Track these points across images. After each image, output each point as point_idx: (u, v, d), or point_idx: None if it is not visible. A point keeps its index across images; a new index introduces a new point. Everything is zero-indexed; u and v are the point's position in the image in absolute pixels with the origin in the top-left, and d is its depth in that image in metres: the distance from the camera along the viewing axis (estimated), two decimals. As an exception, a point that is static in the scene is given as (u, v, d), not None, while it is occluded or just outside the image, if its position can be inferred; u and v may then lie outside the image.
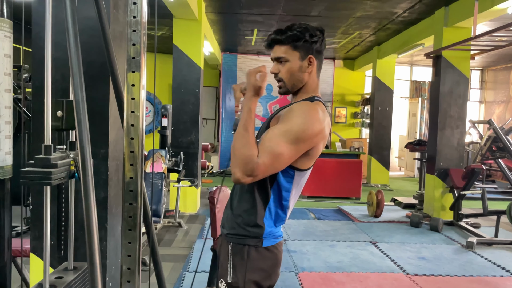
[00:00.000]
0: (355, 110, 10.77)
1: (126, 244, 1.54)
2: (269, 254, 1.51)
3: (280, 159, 1.39)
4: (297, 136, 1.39)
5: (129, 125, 1.52)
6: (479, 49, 5.65)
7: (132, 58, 1.50)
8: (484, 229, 5.43)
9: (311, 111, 1.44)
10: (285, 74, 1.51)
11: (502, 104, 10.52)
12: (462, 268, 4.02)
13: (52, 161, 1.41)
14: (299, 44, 1.48)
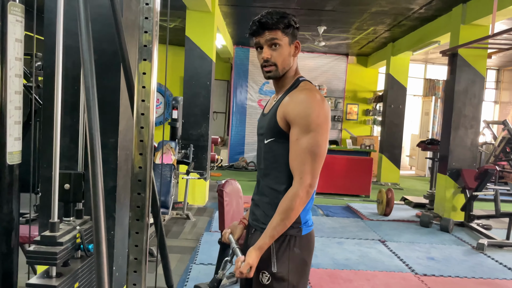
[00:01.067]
0: (367, 107, 10.66)
1: (134, 234, 1.53)
2: (307, 242, 1.56)
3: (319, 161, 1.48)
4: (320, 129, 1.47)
5: (139, 114, 1.51)
6: (497, 48, 5.53)
7: (143, 46, 1.48)
8: (496, 231, 5.34)
9: (317, 101, 1.49)
10: (278, 58, 1.53)
11: (510, 104, 10.33)
12: (472, 270, 3.96)
13: (58, 239, 1.43)
14: (288, 30, 1.52)
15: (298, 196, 1.46)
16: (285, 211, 1.47)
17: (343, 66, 10.46)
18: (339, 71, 10.49)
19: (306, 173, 1.45)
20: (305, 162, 1.46)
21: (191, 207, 5.79)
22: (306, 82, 1.58)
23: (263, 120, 1.65)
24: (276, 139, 1.54)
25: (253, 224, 1.65)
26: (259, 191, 1.64)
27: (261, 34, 1.53)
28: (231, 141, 10.27)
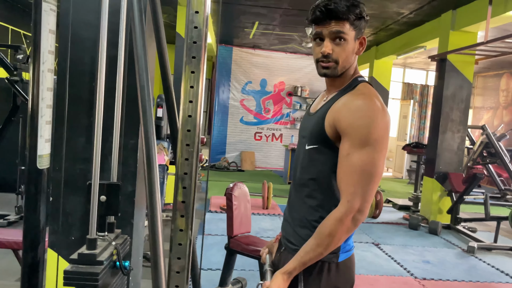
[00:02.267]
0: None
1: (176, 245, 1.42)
2: (345, 269, 1.36)
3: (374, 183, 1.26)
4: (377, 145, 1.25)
5: (186, 115, 1.39)
6: (485, 55, 5.66)
7: (193, 42, 1.36)
8: (481, 233, 5.47)
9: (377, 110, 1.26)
10: (342, 55, 1.29)
11: (491, 110, 10.68)
12: (468, 273, 4.02)
13: (98, 257, 1.31)
14: (358, 22, 1.29)
15: (343, 223, 1.23)
16: (325, 236, 1.24)
17: (325, 67, 10.50)
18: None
19: (356, 196, 1.22)
20: (356, 183, 1.23)
21: (179, 208, 5.62)
22: (366, 84, 1.35)
23: (308, 120, 1.43)
24: (320, 147, 1.33)
25: (283, 241, 1.47)
26: (290, 205, 1.46)
27: (325, 23, 1.28)
28: (213, 141, 10.12)
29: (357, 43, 1.32)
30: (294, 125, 10.39)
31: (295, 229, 1.40)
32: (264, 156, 10.34)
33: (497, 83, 10.42)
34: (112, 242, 1.44)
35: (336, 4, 1.26)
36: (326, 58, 1.30)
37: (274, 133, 10.33)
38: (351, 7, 1.27)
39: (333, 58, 1.30)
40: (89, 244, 1.33)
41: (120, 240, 1.51)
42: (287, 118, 10.43)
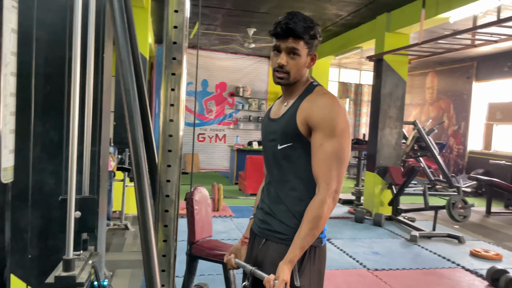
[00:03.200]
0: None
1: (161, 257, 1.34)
2: (324, 252, 1.54)
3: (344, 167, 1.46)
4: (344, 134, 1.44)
5: (168, 120, 1.33)
6: (417, 55, 6.04)
7: (173, 43, 1.30)
8: (419, 222, 5.83)
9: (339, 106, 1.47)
10: (294, 68, 1.48)
11: (418, 107, 11.44)
12: (414, 261, 4.26)
13: (77, 279, 1.20)
14: (311, 41, 1.48)
15: (326, 203, 1.40)
16: (313, 219, 1.39)
17: (265, 68, 10.63)
18: (262, 73, 10.64)
19: (332, 179, 1.41)
20: (331, 168, 1.41)
21: (126, 216, 5.39)
22: (321, 86, 1.55)
23: (272, 125, 1.57)
24: (294, 144, 1.48)
25: (265, 233, 1.54)
26: (271, 199, 1.55)
27: (284, 39, 1.46)
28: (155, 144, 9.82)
29: (309, 58, 1.52)
30: (238, 125, 10.40)
31: (282, 221, 1.50)
32: (208, 157, 10.24)
33: (423, 81, 11.18)
34: (88, 261, 1.33)
35: (295, 24, 1.44)
36: (281, 69, 1.49)
37: (217, 133, 10.27)
38: (307, 28, 1.45)
39: (286, 69, 1.49)
40: (65, 266, 1.21)
41: (95, 257, 1.40)
42: (230, 118, 10.41)
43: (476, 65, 9.25)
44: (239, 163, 8.20)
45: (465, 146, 9.52)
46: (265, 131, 1.61)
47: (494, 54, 8.59)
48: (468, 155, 9.44)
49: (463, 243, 4.97)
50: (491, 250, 4.66)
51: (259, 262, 1.52)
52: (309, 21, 1.48)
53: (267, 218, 1.54)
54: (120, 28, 1.14)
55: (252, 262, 1.55)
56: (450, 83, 10.08)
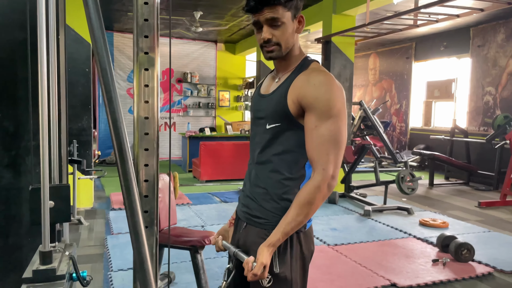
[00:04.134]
0: (238, 94, 10.93)
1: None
2: (309, 235, 1.45)
3: (342, 150, 1.34)
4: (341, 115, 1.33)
5: (143, 117, 1.25)
6: (363, 36, 6.22)
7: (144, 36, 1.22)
8: (370, 198, 6.09)
9: (336, 85, 1.35)
10: (282, 37, 1.36)
11: (362, 88, 11.85)
12: (370, 234, 4.46)
13: (57, 272, 1.13)
14: (290, 3, 1.34)
15: (320, 190, 1.29)
16: (304, 205, 1.30)
17: (212, 53, 10.49)
18: (209, 58, 10.50)
19: (329, 164, 1.30)
20: (328, 152, 1.30)
21: (78, 210, 5.15)
22: (316, 62, 1.43)
23: (262, 102, 1.46)
24: (283, 125, 1.38)
25: (245, 217, 1.47)
26: (251, 181, 1.47)
27: (259, 11, 1.34)
28: (100, 135, 9.43)
29: (296, 22, 1.38)
30: (187, 112, 10.22)
31: (261, 204, 1.42)
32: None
33: (365, 62, 11.57)
34: (65, 252, 1.25)
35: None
36: (268, 43, 1.36)
37: (167, 121, 10.04)
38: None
39: (274, 42, 1.36)
40: (43, 258, 1.13)
41: (71, 248, 1.32)
42: (179, 105, 10.21)
43: (414, 45, 9.71)
44: (191, 150, 8.09)
45: (407, 124, 10.02)
46: (254, 108, 1.50)
47: (431, 34, 9.04)
48: (410, 132, 9.95)
49: (412, 214, 5.26)
50: (437, 219, 4.97)
51: (240, 246, 1.47)
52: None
53: (247, 201, 1.47)
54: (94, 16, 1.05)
55: (235, 245, 1.49)
56: (391, 64, 10.51)
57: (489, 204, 5.84)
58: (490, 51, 7.80)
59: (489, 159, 7.26)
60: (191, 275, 2.96)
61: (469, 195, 6.64)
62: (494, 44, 7.72)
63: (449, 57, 8.83)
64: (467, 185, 7.44)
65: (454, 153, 8.01)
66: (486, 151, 7.40)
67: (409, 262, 3.66)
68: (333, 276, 3.35)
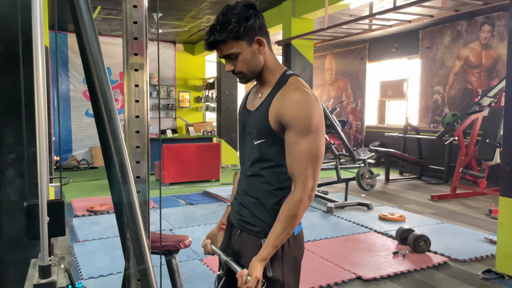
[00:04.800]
0: (198, 95, 10.92)
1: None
2: (299, 240, 1.54)
3: (320, 163, 1.43)
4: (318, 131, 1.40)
5: (133, 116, 1.32)
6: (321, 39, 6.44)
7: (134, 38, 1.28)
8: (331, 195, 6.32)
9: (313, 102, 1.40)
10: (242, 66, 1.44)
11: (319, 88, 12.18)
12: (334, 230, 4.66)
13: (58, 285, 1.14)
14: (239, 34, 1.39)
15: (302, 202, 1.39)
16: (288, 218, 1.39)
17: (171, 53, 10.41)
18: (168, 59, 10.41)
19: (308, 178, 1.39)
20: (306, 167, 1.39)
21: (39, 218, 4.99)
22: (295, 77, 1.48)
23: (249, 118, 1.54)
24: (267, 140, 1.46)
25: (239, 225, 1.55)
26: (244, 191, 1.55)
27: (216, 49, 1.44)
28: (56, 139, 9.11)
29: (255, 46, 1.43)
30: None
31: (254, 213, 1.50)
32: (117, 149, 9.79)
33: (322, 63, 11.90)
34: (61, 265, 1.28)
35: (213, 35, 1.39)
36: (234, 73, 1.47)
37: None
38: (225, 30, 1.37)
39: (237, 71, 1.46)
40: (43, 272, 1.15)
41: (65, 261, 1.35)
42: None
43: (368, 46, 10.11)
44: (153, 153, 8.02)
45: (363, 122, 10.43)
46: (242, 122, 1.57)
47: (383, 36, 9.46)
48: (366, 130, 10.37)
49: (371, 209, 5.53)
50: (395, 213, 5.26)
51: (235, 252, 1.54)
52: (226, 19, 1.39)
53: (241, 209, 1.55)
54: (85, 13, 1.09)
55: (230, 252, 1.56)
56: (347, 64, 10.89)
57: (441, 197, 6.24)
58: (438, 53, 8.29)
59: (439, 154, 7.73)
60: (165, 279, 2.99)
61: (422, 189, 7.05)
62: (441, 46, 8.22)
63: (401, 58, 9.29)
64: (420, 180, 7.88)
65: (407, 149, 8.45)
66: (436, 147, 7.87)
67: (371, 255, 3.88)
68: (303, 272, 3.46)
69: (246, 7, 1.41)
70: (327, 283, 3.27)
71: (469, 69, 7.70)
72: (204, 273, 3.45)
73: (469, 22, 7.56)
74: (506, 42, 6.06)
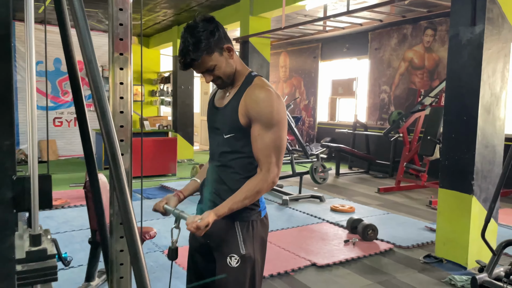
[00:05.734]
0: (153, 88, 10.81)
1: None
2: (266, 222, 1.75)
3: (283, 153, 1.62)
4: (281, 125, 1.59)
5: (118, 111, 1.42)
6: (278, 38, 6.64)
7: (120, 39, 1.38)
8: (286, 188, 6.57)
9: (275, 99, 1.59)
10: (219, 73, 1.60)
11: (274, 84, 12.44)
12: (289, 221, 4.89)
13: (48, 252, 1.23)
14: (211, 48, 1.54)
15: (266, 182, 1.58)
16: (250, 191, 1.57)
17: (125, 46, 10.22)
18: (122, 52, 10.21)
19: (272, 165, 1.58)
20: (270, 155, 1.57)
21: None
22: (260, 77, 1.66)
23: (217, 114, 1.70)
24: (236, 135, 1.63)
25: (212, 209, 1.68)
26: (216, 180, 1.70)
27: (193, 67, 1.59)
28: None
29: (225, 54, 1.60)
30: (99, 107, 9.85)
31: (224, 199, 1.64)
32: (67, 143, 9.51)
33: (277, 60, 12.16)
34: (48, 236, 1.36)
35: (188, 56, 1.53)
36: (213, 81, 1.64)
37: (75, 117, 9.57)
38: (198, 49, 1.52)
39: (216, 78, 1.62)
40: (34, 241, 1.24)
41: (49, 233, 1.42)
42: (90, 99, 9.79)
43: (321, 46, 10.48)
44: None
45: (315, 118, 10.81)
46: (211, 119, 1.73)
47: (335, 37, 9.85)
48: (318, 126, 10.76)
49: (324, 202, 5.83)
50: (345, 204, 5.59)
51: (208, 234, 1.70)
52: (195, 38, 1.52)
53: (213, 196, 1.69)
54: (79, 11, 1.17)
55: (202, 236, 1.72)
56: (300, 62, 11.21)
57: (387, 190, 6.68)
58: (385, 54, 8.79)
59: (385, 150, 8.22)
60: (129, 270, 3.06)
61: (369, 182, 7.48)
62: (388, 47, 8.71)
63: (351, 58, 9.73)
64: (368, 173, 8.34)
65: (356, 145, 8.89)
66: (382, 143, 8.36)
67: (325, 244, 4.14)
68: (261, 261, 3.68)
69: (207, 22, 1.57)
70: (284, 270, 3.47)
71: (413, 70, 8.24)
72: (166, 264, 3.54)
73: (414, 26, 8.08)
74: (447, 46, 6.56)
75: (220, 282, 1.66)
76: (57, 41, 7.32)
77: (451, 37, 3.69)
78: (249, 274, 1.66)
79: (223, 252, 1.64)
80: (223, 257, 1.63)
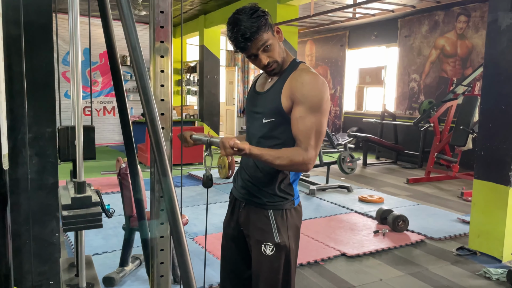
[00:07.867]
0: (179, 78, 10.89)
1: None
2: (299, 211, 1.75)
3: (321, 139, 1.58)
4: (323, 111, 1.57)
5: (159, 100, 1.43)
6: (305, 26, 6.56)
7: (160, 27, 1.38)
8: (313, 178, 6.54)
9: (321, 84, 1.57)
10: (276, 55, 1.57)
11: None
12: (317, 211, 4.87)
13: (93, 199, 1.27)
14: (268, 24, 1.55)
15: (301, 157, 1.51)
16: (285, 156, 1.51)
17: (152, 36, 10.30)
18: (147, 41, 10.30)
19: (311, 147, 1.53)
20: (310, 137, 1.53)
21: None
22: (305, 64, 1.65)
23: (258, 98, 1.68)
24: (276, 120, 1.60)
25: (244, 198, 1.70)
26: (250, 168, 1.69)
27: (249, 48, 1.54)
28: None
29: (276, 35, 1.59)
30: (127, 97, 10.01)
31: (259, 187, 1.66)
32: (97, 131, 9.70)
33: (302, 49, 12.02)
34: (91, 187, 1.39)
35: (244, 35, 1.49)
36: (269, 65, 1.59)
37: (105, 106, 9.76)
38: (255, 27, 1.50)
39: (272, 61, 1.59)
40: (79, 188, 1.27)
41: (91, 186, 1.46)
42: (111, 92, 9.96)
43: (348, 34, 10.29)
44: (136, 136, 8.00)
45: (341, 108, 10.68)
46: (250, 103, 1.72)
47: (363, 24, 9.65)
48: (344, 115, 10.62)
49: (351, 192, 5.77)
50: (374, 195, 5.52)
51: (240, 222, 1.71)
52: (251, 13, 1.50)
53: (246, 184, 1.69)
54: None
55: (234, 224, 1.74)
56: (327, 51, 11.06)
57: (416, 181, 6.55)
58: (415, 41, 8.56)
59: (414, 140, 8.05)
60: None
61: (398, 173, 7.36)
62: (419, 35, 8.48)
63: (379, 45, 9.52)
64: (396, 164, 8.20)
65: (383, 135, 8.74)
66: (411, 133, 8.19)
67: (354, 234, 4.10)
68: (291, 250, 3.68)
69: (253, 7, 1.54)
70: (314, 259, 3.47)
71: (444, 58, 8.00)
72: (196, 251, 3.59)
73: (446, 12, 7.82)
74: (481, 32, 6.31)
75: (256, 270, 1.67)
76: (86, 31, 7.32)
77: (489, 22, 3.55)
78: (284, 262, 1.66)
79: (257, 240, 1.64)
80: (258, 245, 1.64)
